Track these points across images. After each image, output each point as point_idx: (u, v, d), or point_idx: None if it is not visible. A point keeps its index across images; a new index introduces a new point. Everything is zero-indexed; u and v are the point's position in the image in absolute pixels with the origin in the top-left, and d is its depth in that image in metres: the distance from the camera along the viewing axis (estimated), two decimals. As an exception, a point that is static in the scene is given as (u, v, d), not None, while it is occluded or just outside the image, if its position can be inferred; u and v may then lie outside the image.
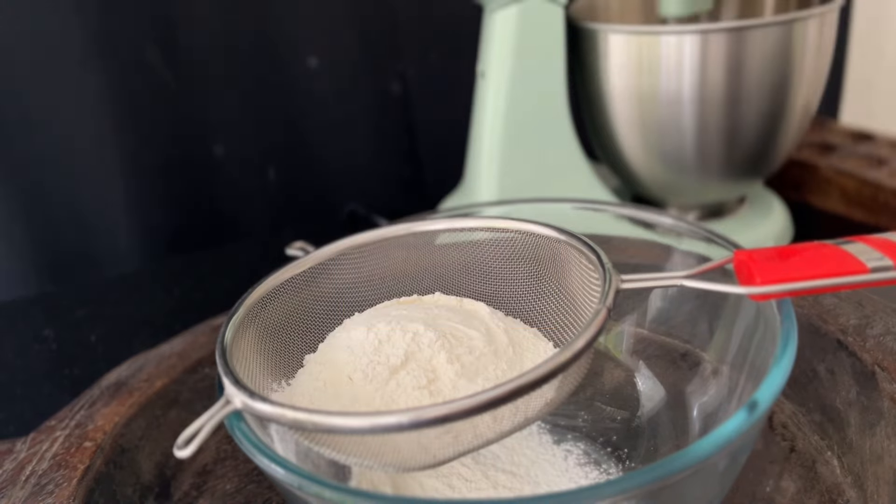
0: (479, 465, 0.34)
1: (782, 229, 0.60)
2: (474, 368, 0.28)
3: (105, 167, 0.66)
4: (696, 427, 0.33)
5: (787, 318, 0.27)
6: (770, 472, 0.34)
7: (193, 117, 0.68)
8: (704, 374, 0.34)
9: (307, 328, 0.33)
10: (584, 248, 0.31)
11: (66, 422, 0.36)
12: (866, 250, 0.26)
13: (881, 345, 0.34)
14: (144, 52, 0.64)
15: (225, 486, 0.36)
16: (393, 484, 0.33)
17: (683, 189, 0.59)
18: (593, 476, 0.34)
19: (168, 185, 0.69)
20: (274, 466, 0.24)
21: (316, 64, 0.70)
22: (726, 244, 0.32)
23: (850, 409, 0.34)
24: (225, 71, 0.68)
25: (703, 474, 0.25)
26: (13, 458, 0.34)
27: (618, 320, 0.38)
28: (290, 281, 0.33)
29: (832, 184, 0.66)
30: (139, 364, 0.41)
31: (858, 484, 0.32)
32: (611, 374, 0.38)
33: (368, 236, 0.35)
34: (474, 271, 0.35)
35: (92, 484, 0.33)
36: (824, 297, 0.38)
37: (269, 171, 0.73)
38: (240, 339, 0.30)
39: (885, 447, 0.32)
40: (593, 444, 0.36)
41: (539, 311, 0.34)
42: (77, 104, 0.63)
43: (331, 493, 0.23)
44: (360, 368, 0.28)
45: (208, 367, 0.41)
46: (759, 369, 0.28)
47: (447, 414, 0.23)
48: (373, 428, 0.23)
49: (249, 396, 0.25)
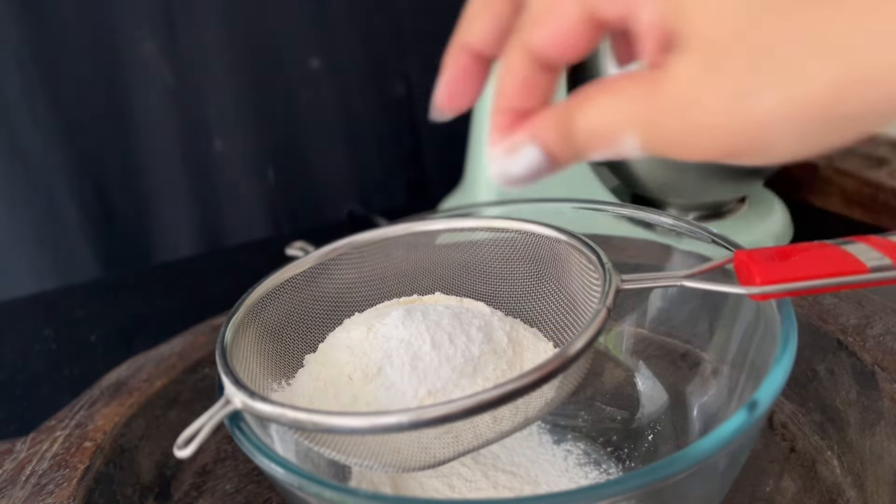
0: (479, 465, 0.34)
1: (782, 229, 0.60)
2: (473, 368, 0.28)
3: (107, 167, 0.66)
4: (696, 427, 0.33)
5: (787, 317, 0.27)
6: (770, 471, 0.34)
7: (193, 116, 0.68)
8: (704, 374, 0.34)
9: (307, 328, 0.33)
10: (584, 248, 0.31)
11: (66, 422, 0.36)
12: (866, 250, 0.25)
13: (881, 344, 0.34)
14: (143, 50, 0.64)
15: (225, 486, 0.36)
16: (393, 484, 0.33)
17: (683, 189, 0.58)
18: (593, 476, 0.34)
19: (167, 185, 0.69)
20: (274, 466, 0.24)
21: (318, 65, 0.70)
22: (726, 244, 0.32)
23: (850, 409, 0.34)
24: (226, 71, 0.68)
25: (703, 474, 0.25)
26: (13, 458, 0.34)
27: (618, 320, 0.38)
28: (290, 281, 0.33)
29: (832, 184, 0.66)
30: (139, 364, 0.41)
31: (858, 484, 0.32)
32: (611, 374, 0.38)
33: (368, 236, 0.35)
34: (474, 271, 0.35)
35: (92, 484, 0.33)
36: (824, 297, 0.38)
37: (268, 170, 0.73)
38: (240, 339, 0.30)
39: (885, 447, 0.32)
40: (593, 444, 0.36)
41: (539, 311, 0.34)
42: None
43: (331, 493, 0.23)
44: (360, 368, 0.28)
45: (208, 367, 0.41)
46: (759, 369, 0.28)
47: (447, 414, 0.23)
48: (373, 428, 0.23)
49: (249, 396, 0.25)
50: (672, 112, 0.17)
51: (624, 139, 0.18)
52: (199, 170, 0.70)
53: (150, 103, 0.66)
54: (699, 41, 0.16)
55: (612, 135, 0.18)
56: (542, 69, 0.20)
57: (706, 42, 0.16)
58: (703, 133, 0.17)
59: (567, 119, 0.19)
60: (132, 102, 0.65)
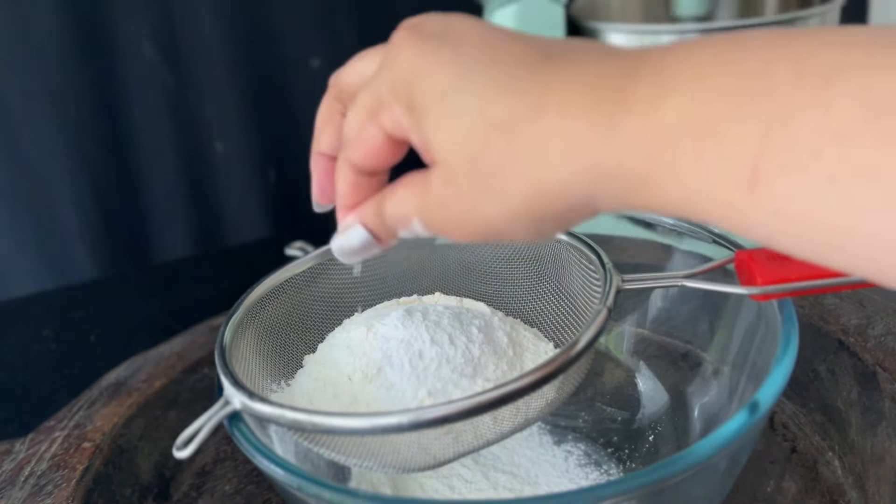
0: (480, 465, 0.34)
1: (783, 229, 0.60)
2: (474, 368, 0.28)
3: (107, 167, 0.66)
4: (697, 427, 0.33)
5: (788, 318, 0.27)
6: (771, 472, 0.34)
7: (194, 117, 0.68)
8: (705, 375, 0.34)
9: (306, 328, 0.33)
10: (585, 248, 0.31)
11: (65, 422, 0.36)
12: (868, 250, 0.25)
13: (882, 345, 0.34)
14: (143, 50, 0.64)
15: (224, 486, 0.36)
16: (393, 485, 0.33)
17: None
18: (594, 477, 0.34)
19: (167, 185, 0.69)
20: (273, 467, 0.24)
21: (318, 65, 0.70)
22: (727, 244, 0.32)
23: (852, 410, 0.34)
24: (226, 71, 0.67)
25: (704, 475, 0.25)
26: (12, 458, 0.34)
27: (618, 320, 0.38)
28: (290, 281, 0.33)
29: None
30: (138, 364, 0.40)
31: (859, 484, 0.32)
32: (611, 374, 0.38)
33: (368, 236, 0.35)
34: (474, 271, 0.35)
35: (91, 484, 0.33)
36: (825, 297, 0.38)
37: (269, 171, 0.73)
38: (239, 340, 0.30)
39: (886, 447, 0.32)
40: (594, 445, 0.36)
41: (539, 312, 0.34)
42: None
43: (330, 494, 0.23)
44: (360, 368, 0.28)
45: (207, 367, 0.41)
46: (761, 369, 0.28)
47: (447, 414, 0.23)
48: (372, 429, 0.23)
49: (249, 397, 0.25)
50: (433, 209, 0.22)
51: (413, 222, 0.23)
52: (199, 170, 0.70)
53: (150, 104, 0.66)
54: (439, 163, 0.21)
55: (405, 218, 0.23)
56: (365, 175, 0.25)
57: (443, 164, 0.21)
58: (456, 225, 0.22)
59: (379, 206, 0.24)
60: (132, 103, 0.65)
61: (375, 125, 0.23)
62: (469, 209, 0.21)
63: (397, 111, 0.22)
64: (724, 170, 0.16)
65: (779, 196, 0.16)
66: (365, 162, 0.24)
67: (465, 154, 0.20)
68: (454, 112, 0.20)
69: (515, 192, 0.20)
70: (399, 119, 0.22)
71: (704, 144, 0.17)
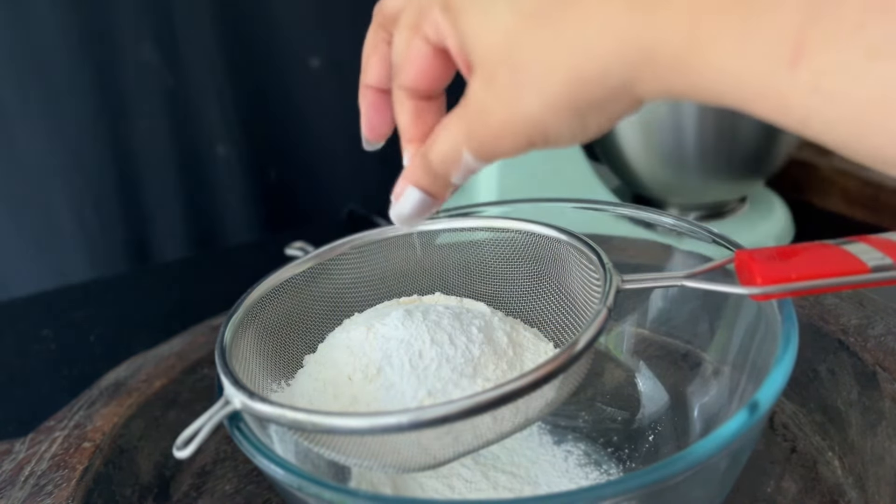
0: (480, 465, 0.34)
1: (783, 229, 0.60)
2: (474, 368, 0.28)
3: (106, 166, 0.66)
4: (696, 427, 0.33)
5: (788, 318, 0.27)
6: (771, 472, 0.34)
7: (194, 117, 0.68)
8: (705, 375, 0.34)
9: (307, 328, 0.33)
10: (585, 248, 0.31)
11: (64, 422, 0.36)
12: (867, 250, 0.25)
13: (882, 345, 0.34)
14: (143, 51, 0.64)
15: (224, 486, 0.36)
16: (393, 484, 0.33)
17: (684, 189, 0.58)
18: (594, 477, 0.34)
19: (167, 185, 0.69)
20: (273, 467, 0.24)
21: (318, 65, 0.70)
22: (727, 244, 0.32)
23: (852, 410, 0.34)
24: (226, 71, 0.67)
25: (704, 475, 0.25)
26: (12, 458, 0.34)
27: (618, 320, 0.38)
28: (290, 281, 0.33)
29: (833, 183, 0.66)
30: (138, 364, 0.40)
31: (859, 485, 0.32)
32: (611, 374, 0.38)
33: (368, 236, 0.35)
34: (474, 271, 0.35)
35: (91, 484, 0.33)
36: (825, 297, 0.38)
37: (269, 171, 0.73)
38: (239, 340, 0.30)
39: (886, 448, 0.32)
40: (594, 445, 0.36)
41: (539, 312, 0.34)
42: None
43: (330, 494, 0.23)
44: (360, 368, 0.28)
45: (207, 367, 0.41)
46: (760, 369, 0.28)
47: (447, 414, 0.23)
48: (372, 428, 0.23)
49: (249, 397, 0.25)
50: (476, 121, 0.22)
51: (463, 155, 0.23)
52: (199, 170, 0.70)
53: (150, 104, 0.66)
54: (478, 65, 0.21)
55: (454, 155, 0.23)
56: (423, 100, 0.25)
57: (482, 65, 0.21)
58: (502, 132, 0.21)
59: (424, 158, 0.24)
60: (132, 104, 0.65)
61: (420, 38, 0.23)
62: (512, 110, 0.21)
63: (436, 15, 0.22)
64: (767, 41, 0.16)
65: (820, 71, 0.16)
66: (418, 82, 0.24)
67: (501, 48, 0.20)
68: (489, 7, 0.21)
69: (554, 82, 0.20)
70: (438, 24, 0.22)
71: (749, 16, 0.16)
